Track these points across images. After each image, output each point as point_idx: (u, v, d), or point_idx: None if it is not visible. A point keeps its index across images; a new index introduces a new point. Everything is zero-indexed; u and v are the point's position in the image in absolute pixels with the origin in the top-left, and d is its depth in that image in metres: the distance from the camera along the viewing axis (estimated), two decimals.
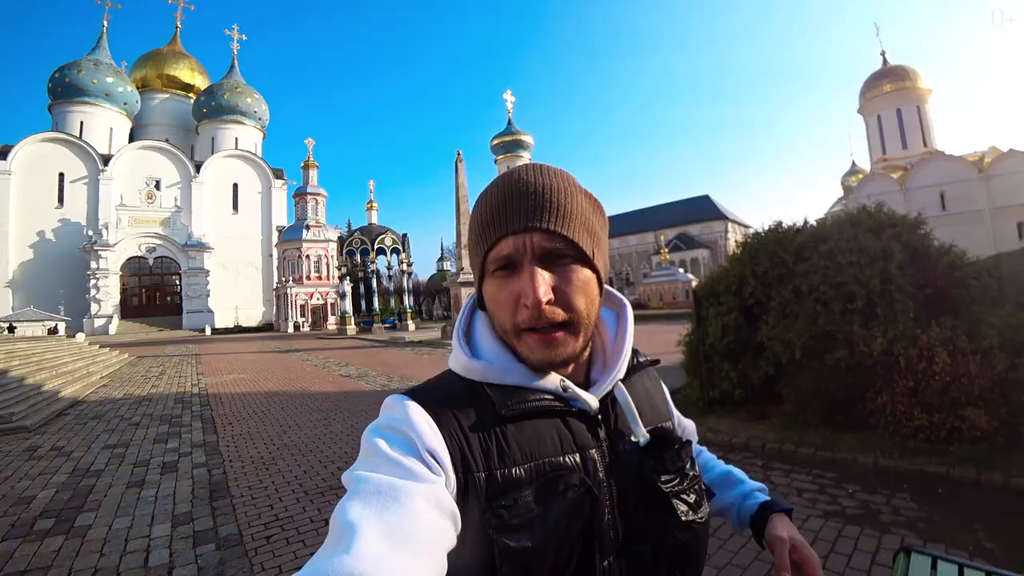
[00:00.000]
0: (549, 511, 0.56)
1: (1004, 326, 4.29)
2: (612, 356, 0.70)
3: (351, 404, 8.15)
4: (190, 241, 43.66)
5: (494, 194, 0.63)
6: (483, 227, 0.63)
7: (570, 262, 0.62)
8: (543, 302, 0.58)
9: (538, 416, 0.62)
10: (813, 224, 5.91)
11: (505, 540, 0.54)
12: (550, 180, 0.62)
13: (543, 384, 0.63)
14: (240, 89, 50.79)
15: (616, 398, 0.67)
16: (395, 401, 0.62)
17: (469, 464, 0.57)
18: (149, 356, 19.46)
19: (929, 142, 33.23)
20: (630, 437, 0.65)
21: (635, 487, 0.62)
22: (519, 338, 0.62)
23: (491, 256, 0.63)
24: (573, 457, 0.61)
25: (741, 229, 51.75)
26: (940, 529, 2.97)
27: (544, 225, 0.60)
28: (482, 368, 0.64)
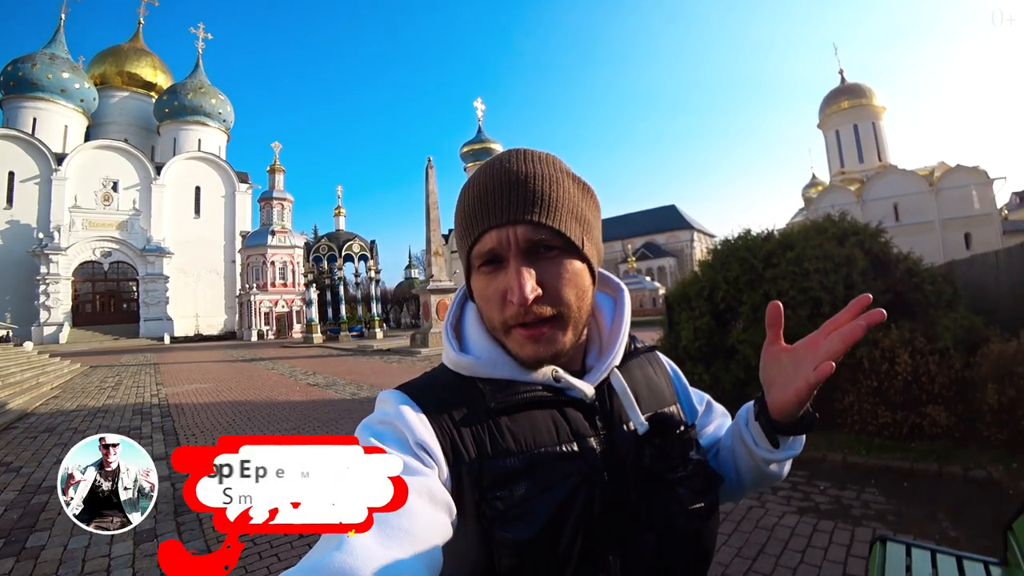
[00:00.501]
0: (547, 501, 0.55)
1: (957, 328, 4.52)
2: (608, 342, 0.68)
3: (321, 413, 7.95)
4: (149, 246, 41.91)
5: (477, 185, 0.61)
6: (466, 221, 0.61)
7: (558, 254, 0.60)
8: (529, 299, 0.56)
9: (532, 406, 0.61)
10: (779, 231, 6.13)
11: (503, 531, 0.54)
12: (534, 167, 0.59)
13: (534, 376, 0.62)
14: (204, 89, 49.29)
15: (613, 385, 0.65)
16: (387, 396, 0.62)
17: (461, 456, 0.57)
18: (104, 366, 18.54)
19: (883, 156, 34.94)
20: (629, 424, 0.64)
21: (635, 475, 0.61)
22: (508, 334, 0.61)
23: (475, 251, 0.61)
24: (570, 446, 0.60)
25: (706, 238, 53.16)
26: (908, 520, 3.10)
27: (528, 217, 0.57)
28: (471, 363, 0.63)
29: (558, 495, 0.56)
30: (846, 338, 0.55)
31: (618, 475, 0.61)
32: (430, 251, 21.71)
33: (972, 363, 4.18)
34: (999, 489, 3.41)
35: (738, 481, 0.74)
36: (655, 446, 0.62)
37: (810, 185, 44.52)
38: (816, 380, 0.56)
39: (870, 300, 0.57)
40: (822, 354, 0.57)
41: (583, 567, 0.56)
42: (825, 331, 0.58)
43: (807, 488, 3.72)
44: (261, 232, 41.30)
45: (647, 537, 0.59)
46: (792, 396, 0.59)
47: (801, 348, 0.60)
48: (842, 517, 3.22)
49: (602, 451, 0.61)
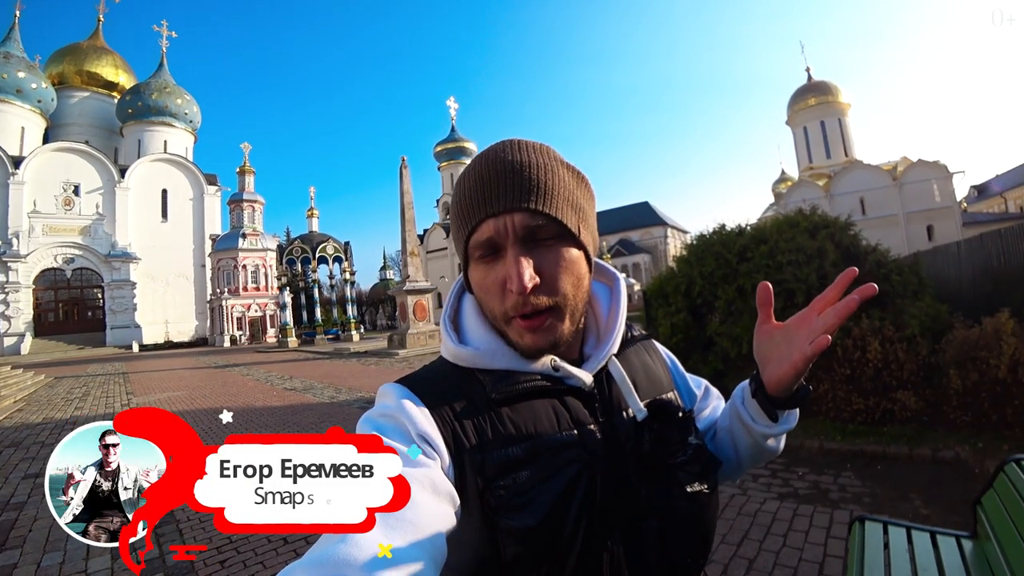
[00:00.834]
0: (549, 489, 0.56)
1: (923, 316, 4.70)
2: (605, 331, 0.70)
3: (300, 418, 7.82)
4: (114, 251, 40.45)
5: (472, 175, 0.61)
6: (463, 211, 0.62)
7: (555, 242, 0.61)
8: (528, 288, 0.57)
9: (532, 396, 0.62)
10: (752, 225, 6.27)
11: (507, 520, 0.54)
12: (529, 156, 0.60)
13: (534, 366, 0.63)
14: (169, 89, 47.78)
15: (611, 373, 0.66)
16: (387, 389, 0.62)
17: (463, 446, 0.57)
18: (69, 376, 17.86)
19: (850, 152, 36.00)
20: (628, 411, 0.65)
21: (636, 461, 0.62)
22: (508, 324, 0.61)
23: (473, 241, 0.61)
24: (571, 434, 0.61)
25: (680, 234, 53.93)
26: (883, 501, 3.22)
27: (525, 205, 0.58)
28: (470, 354, 0.64)
29: (560, 482, 0.57)
30: (840, 312, 0.57)
31: (619, 461, 0.62)
32: (406, 251, 21.48)
33: (938, 349, 4.36)
34: (966, 468, 3.57)
35: (737, 460, 0.76)
36: (654, 432, 0.62)
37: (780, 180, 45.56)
38: (813, 353, 0.58)
39: (856, 273, 0.59)
40: (818, 328, 0.59)
41: (587, 552, 0.56)
42: (816, 308, 0.61)
43: (786, 475, 3.83)
44: (232, 235, 40.28)
45: (649, 522, 0.60)
46: (789, 370, 0.61)
47: (794, 324, 0.63)
48: (821, 501, 3.32)
49: (602, 438, 0.62)
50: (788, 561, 2.67)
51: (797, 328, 0.62)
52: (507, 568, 0.55)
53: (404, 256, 21.83)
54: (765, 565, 2.65)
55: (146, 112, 46.29)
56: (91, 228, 40.19)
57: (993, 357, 3.87)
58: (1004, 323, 3.98)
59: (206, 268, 43.87)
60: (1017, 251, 5.27)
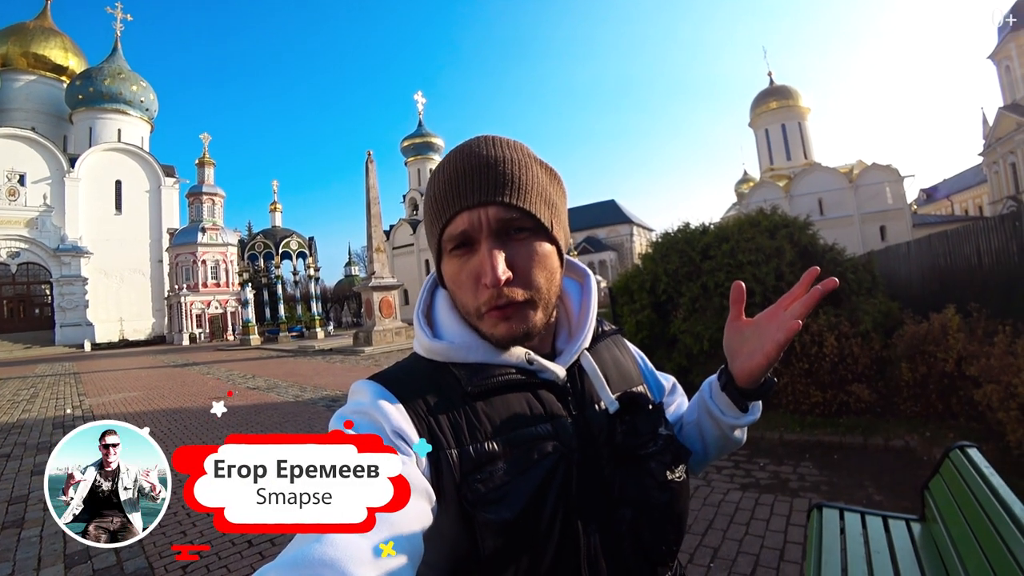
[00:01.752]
0: (525, 481, 0.56)
1: (876, 312, 4.92)
2: (577, 326, 0.71)
3: (264, 418, 7.61)
4: (63, 245, 38.39)
5: (447, 169, 0.62)
6: (437, 204, 0.62)
7: (529, 236, 0.61)
8: (502, 280, 0.57)
9: (506, 390, 0.62)
10: (716, 224, 6.43)
11: (484, 513, 0.54)
12: (503, 152, 0.61)
13: (508, 359, 0.63)
14: (124, 75, 45.50)
15: (583, 367, 0.68)
16: (360, 386, 0.62)
17: (439, 442, 0.57)
18: (15, 377, 16.93)
19: (809, 155, 37.33)
20: (600, 404, 0.66)
21: (609, 452, 0.63)
22: (481, 319, 0.62)
23: (446, 234, 0.61)
24: (545, 427, 0.61)
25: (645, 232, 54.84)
26: (839, 489, 3.37)
27: (499, 198, 0.59)
28: (445, 348, 0.64)
29: (537, 475, 0.57)
30: (807, 303, 0.62)
31: (592, 453, 0.63)
32: (371, 247, 21.12)
33: (890, 344, 4.58)
34: (915, 456, 3.77)
35: (704, 452, 0.79)
36: (626, 423, 0.64)
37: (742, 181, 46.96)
38: (785, 339, 0.62)
39: (818, 272, 0.64)
40: (786, 319, 0.63)
41: (563, 543, 0.57)
42: (783, 304, 0.65)
43: (748, 466, 3.95)
44: (190, 229, 38.78)
45: (624, 512, 0.61)
46: (762, 360, 0.65)
47: (763, 319, 0.66)
48: (781, 490, 3.45)
49: (576, 431, 0.63)
50: (751, 548, 2.76)
51: (767, 322, 0.66)
52: (485, 562, 0.55)
53: (370, 252, 21.45)
54: (729, 553, 2.73)
55: (98, 98, 43.94)
56: (38, 220, 38.01)
57: (941, 351, 4.10)
58: (950, 319, 4.21)
59: (163, 263, 42.07)
60: (962, 251, 5.58)
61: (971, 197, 44.69)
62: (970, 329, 4.19)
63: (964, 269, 5.48)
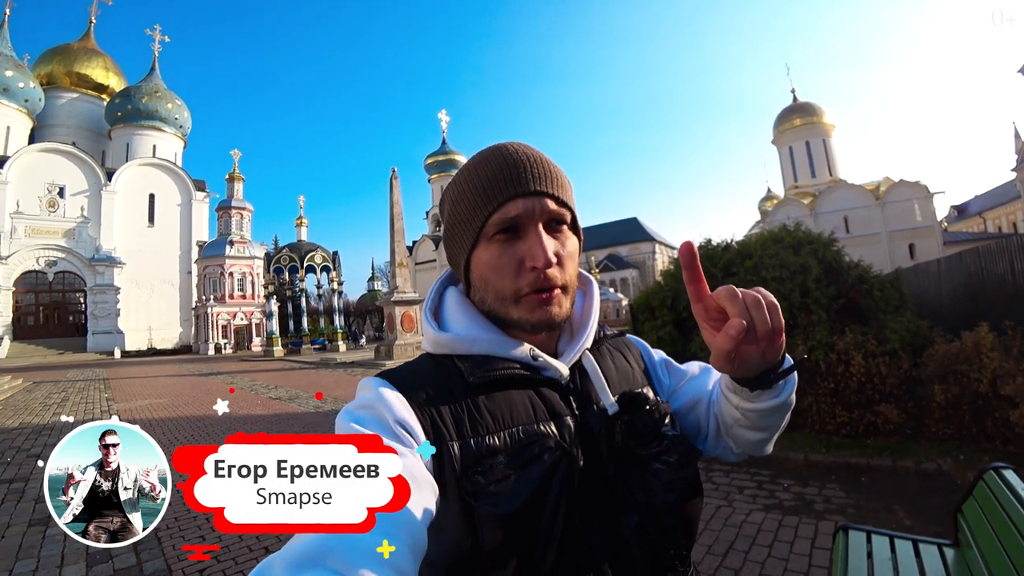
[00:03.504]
0: (526, 476, 0.56)
1: (905, 331, 4.78)
2: (578, 328, 0.72)
3: (284, 427, 7.70)
4: (98, 255, 39.81)
5: (490, 161, 0.64)
6: (485, 191, 0.63)
7: (566, 230, 0.66)
8: (553, 262, 0.61)
9: (509, 385, 0.63)
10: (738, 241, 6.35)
11: (485, 506, 0.54)
12: (540, 153, 0.66)
13: (512, 353, 0.64)
14: (160, 93, 47.47)
15: (584, 367, 0.69)
16: (366, 382, 0.63)
17: (442, 434, 0.58)
18: (48, 381, 17.45)
19: (834, 172, 36.73)
20: (599, 404, 0.67)
21: (611, 453, 0.63)
22: (518, 302, 0.63)
23: (494, 219, 0.63)
24: (547, 425, 0.62)
25: (668, 250, 54.38)
26: (866, 512, 3.25)
27: (551, 190, 0.63)
28: (449, 339, 0.66)
29: (538, 471, 0.57)
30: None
31: (594, 453, 0.63)
32: (395, 262, 21.41)
33: (919, 363, 4.43)
34: (949, 480, 3.62)
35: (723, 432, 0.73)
36: (626, 424, 0.64)
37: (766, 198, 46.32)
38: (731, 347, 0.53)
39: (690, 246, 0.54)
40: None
41: (567, 543, 0.56)
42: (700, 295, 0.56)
43: (771, 486, 3.85)
44: (219, 242, 39.93)
45: (630, 513, 0.61)
46: (724, 363, 0.56)
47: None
48: (805, 512, 3.34)
49: (577, 430, 0.63)
50: (773, 572, 2.67)
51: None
52: (487, 558, 0.54)
53: (392, 267, 21.76)
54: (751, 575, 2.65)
55: (135, 116, 45.91)
56: (75, 231, 39.58)
57: (974, 371, 3.94)
58: (984, 337, 4.05)
59: (192, 275, 43.28)
60: (995, 269, 5.40)
61: (1004, 214, 43.31)
62: (1005, 348, 4.02)
63: (997, 286, 5.29)
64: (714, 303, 0.55)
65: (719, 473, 4.25)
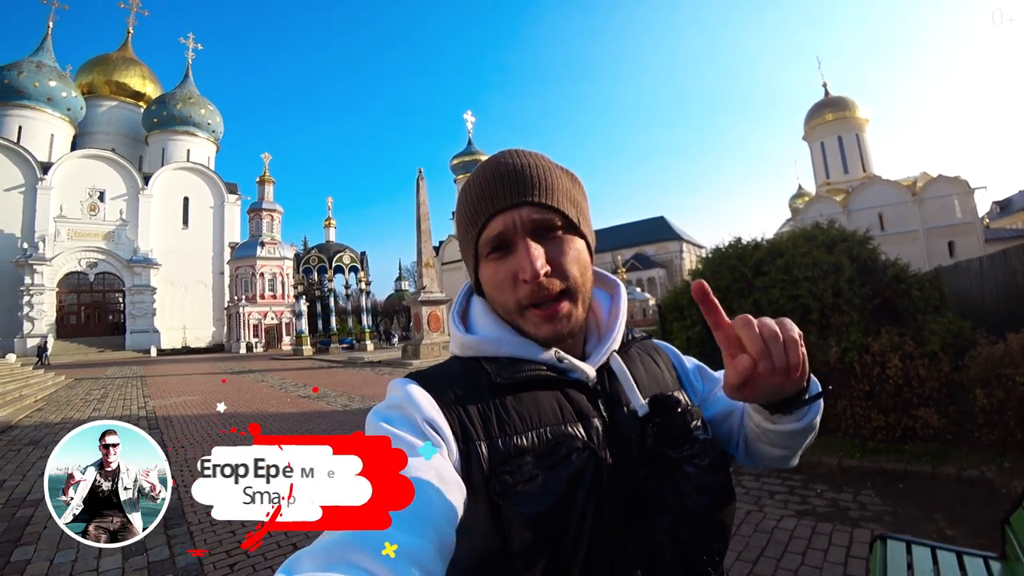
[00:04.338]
0: (555, 477, 0.56)
1: (945, 332, 4.58)
2: (606, 330, 0.71)
3: (312, 425, 7.85)
4: (136, 257, 41.39)
5: (477, 180, 0.66)
6: (471, 212, 0.65)
7: (561, 232, 0.64)
8: (541, 273, 0.60)
9: (536, 387, 0.63)
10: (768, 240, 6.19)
11: (514, 506, 0.54)
12: (527, 159, 0.65)
13: (538, 355, 0.64)
14: (194, 100, 49.07)
15: (612, 368, 0.68)
16: (396, 383, 0.64)
17: (470, 433, 0.58)
18: (89, 378, 18.22)
19: (868, 167, 35.51)
20: (628, 406, 0.66)
21: (641, 456, 0.62)
22: (523, 316, 0.63)
23: (483, 239, 0.64)
24: (575, 427, 0.61)
25: (695, 249, 53.47)
26: (904, 520, 3.12)
27: (529, 198, 0.62)
28: (476, 342, 0.67)
29: (566, 471, 0.57)
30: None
31: (624, 456, 0.62)
32: (421, 262, 21.62)
33: (961, 366, 4.24)
34: (992, 488, 3.45)
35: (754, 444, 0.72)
36: (656, 426, 0.63)
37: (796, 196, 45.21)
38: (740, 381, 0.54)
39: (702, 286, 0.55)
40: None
41: (596, 546, 0.56)
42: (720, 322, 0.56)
43: (804, 492, 3.74)
44: (250, 243, 41.01)
45: (661, 517, 0.60)
46: (735, 394, 0.57)
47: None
48: (840, 519, 3.23)
49: (605, 432, 0.63)
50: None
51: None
52: (515, 559, 0.54)
53: (419, 267, 21.96)
54: None
55: (170, 122, 47.57)
56: (114, 233, 41.25)
57: (1020, 375, 3.75)
58: None
59: (224, 275, 44.63)
60: None
61: None
62: None
63: None
64: (733, 331, 0.54)
65: (749, 477, 4.15)
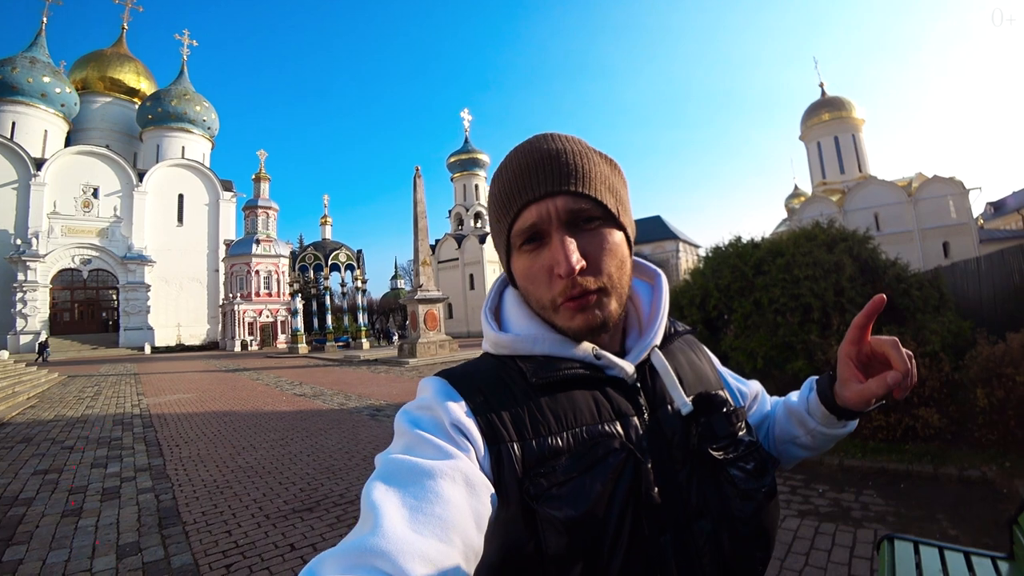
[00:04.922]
0: (591, 478, 0.53)
1: (945, 332, 4.59)
2: (647, 324, 0.68)
3: (308, 424, 7.78)
4: (130, 253, 41.12)
5: (510, 167, 0.61)
6: (503, 202, 0.61)
7: (599, 224, 0.60)
8: (576, 269, 0.56)
9: (572, 386, 0.60)
10: (769, 238, 6.18)
11: (548, 510, 0.52)
12: (564, 144, 0.60)
13: (574, 353, 0.61)
14: (189, 96, 48.76)
15: (654, 365, 0.64)
16: (426, 382, 0.62)
17: (500, 435, 0.55)
18: (82, 375, 18.10)
19: (864, 168, 35.64)
20: (672, 405, 0.62)
21: (684, 457, 0.59)
22: (557, 311, 0.60)
23: (515, 229, 0.61)
24: (613, 426, 0.58)
25: (691, 249, 53.61)
26: (907, 521, 3.11)
27: (566, 187, 0.58)
28: (511, 340, 0.63)
29: (603, 473, 0.54)
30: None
31: (665, 456, 0.59)
32: (418, 260, 21.57)
33: (961, 366, 4.25)
34: (993, 488, 3.45)
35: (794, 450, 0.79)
36: (702, 425, 0.60)
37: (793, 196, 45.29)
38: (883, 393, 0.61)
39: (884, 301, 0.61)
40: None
41: (635, 550, 0.53)
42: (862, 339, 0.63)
43: (806, 492, 3.72)
44: (245, 241, 40.77)
45: (702, 522, 0.57)
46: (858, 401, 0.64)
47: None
48: (843, 519, 3.22)
49: (646, 432, 0.59)
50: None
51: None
52: (549, 564, 0.52)
53: (416, 265, 21.90)
54: None
55: (165, 118, 47.25)
56: (108, 230, 40.94)
57: (1020, 374, 3.75)
58: None
59: (219, 273, 44.39)
60: None
61: None
62: None
63: None
64: (868, 348, 0.62)
65: None
